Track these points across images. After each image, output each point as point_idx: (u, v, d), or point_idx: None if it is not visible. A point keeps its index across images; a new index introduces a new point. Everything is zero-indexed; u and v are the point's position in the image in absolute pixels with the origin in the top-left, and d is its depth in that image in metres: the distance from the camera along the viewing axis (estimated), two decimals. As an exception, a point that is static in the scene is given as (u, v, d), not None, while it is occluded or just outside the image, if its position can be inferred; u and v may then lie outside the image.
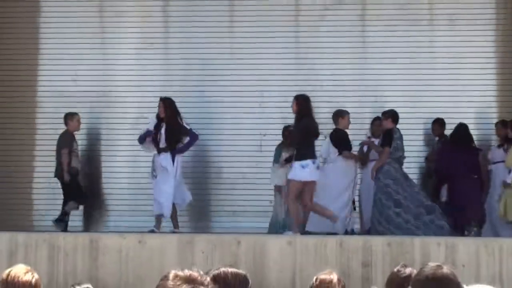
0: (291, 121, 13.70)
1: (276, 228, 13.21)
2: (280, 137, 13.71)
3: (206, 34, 14.96)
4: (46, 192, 14.76)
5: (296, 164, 12.20)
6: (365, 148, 13.71)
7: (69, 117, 13.74)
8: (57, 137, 14.23)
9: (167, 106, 12.95)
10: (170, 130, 12.79)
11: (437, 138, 14.19)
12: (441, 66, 14.83)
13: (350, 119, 13.57)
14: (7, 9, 15.19)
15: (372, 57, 14.92)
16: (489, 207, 13.35)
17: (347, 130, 13.25)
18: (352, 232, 12.90)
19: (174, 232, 12.23)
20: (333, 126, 13.48)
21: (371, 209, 12.78)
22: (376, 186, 12.80)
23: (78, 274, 9.98)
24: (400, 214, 12.62)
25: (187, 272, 3.82)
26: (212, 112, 14.79)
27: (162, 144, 12.74)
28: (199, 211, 14.56)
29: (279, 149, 13.60)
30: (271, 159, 13.79)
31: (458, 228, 13.06)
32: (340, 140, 13.25)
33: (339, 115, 13.35)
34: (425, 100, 14.70)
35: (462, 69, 14.77)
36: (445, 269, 4.78)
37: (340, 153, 13.08)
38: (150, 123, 13.01)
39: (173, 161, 12.66)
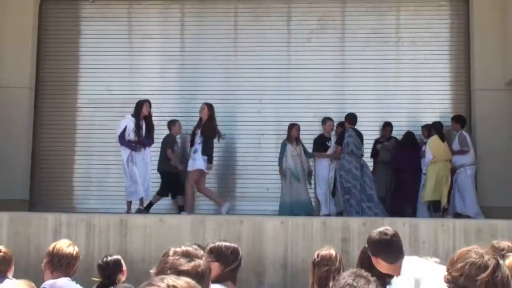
0: (284, 123, 13.69)
1: (287, 210, 13.08)
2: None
3: (214, 53, 14.94)
4: (84, 181, 14.72)
5: (202, 157, 12.36)
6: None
7: (172, 123, 13.57)
8: (94, 135, 14.23)
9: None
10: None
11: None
12: (405, 80, 14.75)
13: (331, 125, 13.59)
14: (52, 31, 15.14)
15: (350, 72, 14.86)
16: None
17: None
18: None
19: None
20: (319, 130, 13.54)
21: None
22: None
23: (110, 247, 9.88)
24: (348, 200, 12.58)
25: (184, 248, 3.72)
26: (220, 115, 14.67)
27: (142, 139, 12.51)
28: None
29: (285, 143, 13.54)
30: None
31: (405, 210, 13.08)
32: (315, 143, 13.45)
33: (322, 122, 13.55)
34: (392, 107, 14.62)
35: (422, 82, 14.69)
36: (390, 230, 4.77)
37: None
38: (128, 121, 12.59)
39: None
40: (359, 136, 13.06)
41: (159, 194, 13.24)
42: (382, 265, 4.83)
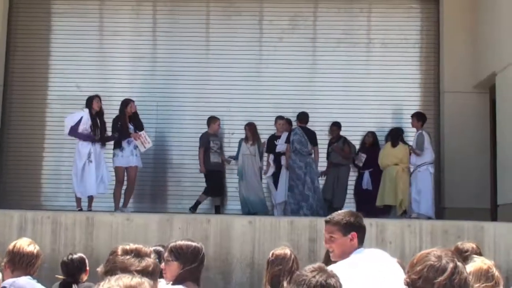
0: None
1: (246, 207, 13.08)
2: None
3: (186, 51, 14.88)
4: (51, 178, 14.56)
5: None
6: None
7: (212, 120, 13.39)
8: (62, 132, 14.04)
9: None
10: None
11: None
12: (375, 81, 14.81)
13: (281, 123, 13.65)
14: (22, 27, 14.97)
15: (320, 72, 14.91)
16: None
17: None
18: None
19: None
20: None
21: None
22: None
23: (76, 245, 9.77)
24: (290, 196, 12.56)
25: (132, 246, 3.65)
26: (190, 114, 14.65)
27: (97, 136, 12.09)
28: (178, 194, 14.47)
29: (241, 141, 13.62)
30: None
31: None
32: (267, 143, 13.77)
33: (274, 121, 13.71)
34: (361, 108, 14.66)
35: (392, 84, 14.75)
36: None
37: None
38: (84, 114, 12.15)
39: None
40: (309, 134, 12.97)
41: (205, 193, 13.22)
42: (353, 245, 4.82)
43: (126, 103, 12.58)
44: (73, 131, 12.07)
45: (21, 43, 14.96)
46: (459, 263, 3.14)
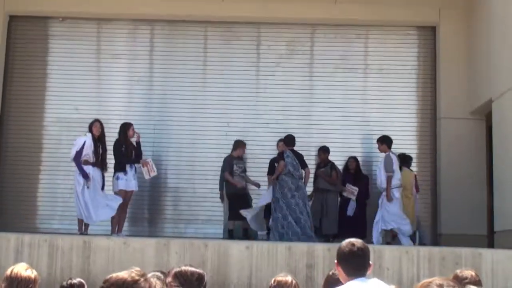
0: (252, 146, 13.70)
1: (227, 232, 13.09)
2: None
3: (183, 75, 14.95)
4: (48, 201, 14.53)
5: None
6: None
7: (240, 144, 13.39)
8: (60, 154, 14.10)
9: None
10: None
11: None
12: (372, 107, 14.87)
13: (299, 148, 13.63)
14: (20, 49, 15.03)
15: (317, 97, 14.95)
16: None
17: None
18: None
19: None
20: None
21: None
22: None
23: (73, 269, 9.75)
24: (278, 219, 12.49)
25: (125, 276, 3.65)
26: (187, 138, 14.68)
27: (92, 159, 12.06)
28: (175, 218, 14.45)
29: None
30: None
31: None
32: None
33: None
34: (358, 134, 14.72)
35: (389, 110, 14.81)
36: (359, 243, 4.79)
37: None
38: (87, 139, 12.14)
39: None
40: (298, 157, 12.94)
41: (230, 219, 13.10)
42: (342, 276, 4.83)
43: (127, 126, 12.57)
44: (77, 157, 12.04)
45: (19, 65, 15.00)
46: None
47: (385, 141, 13.00)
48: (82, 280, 6.51)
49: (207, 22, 15.06)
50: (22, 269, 5.21)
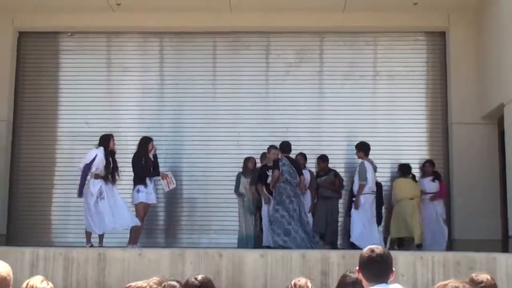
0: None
1: (243, 242, 13.08)
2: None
3: (193, 86, 15.01)
4: (63, 215, 14.61)
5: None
6: None
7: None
8: (73, 168, 14.18)
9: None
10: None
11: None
12: (382, 113, 14.88)
13: (307, 156, 13.71)
14: (31, 64, 15.15)
15: (327, 105, 14.97)
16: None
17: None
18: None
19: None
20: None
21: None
22: None
23: (88, 281, 9.79)
24: (273, 229, 12.40)
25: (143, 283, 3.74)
26: (198, 148, 14.74)
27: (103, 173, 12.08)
28: (190, 229, 14.51)
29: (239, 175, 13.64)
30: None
31: None
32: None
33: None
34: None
35: (399, 116, 14.82)
36: (380, 249, 4.84)
37: None
38: (99, 152, 12.13)
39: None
40: (294, 164, 12.82)
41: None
42: (364, 282, 4.88)
43: (148, 140, 12.61)
44: (85, 169, 12.05)
45: (30, 80, 15.13)
46: None
47: (362, 148, 13.14)
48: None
49: (216, 32, 15.14)
50: (38, 282, 5.25)
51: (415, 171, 14.26)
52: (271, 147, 13.20)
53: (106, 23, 14.88)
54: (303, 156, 13.81)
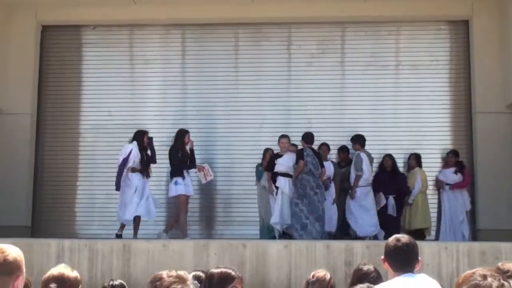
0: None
1: (265, 232, 13.06)
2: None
3: (215, 77, 15.02)
4: (87, 207, 14.72)
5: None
6: None
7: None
8: (96, 160, 14.31)
9: None
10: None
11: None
12: (405, 103, 14.80)
13: (330, 146, 13.69)
14: (54, 57, 15.24)
15: (349, 95, 14.91)
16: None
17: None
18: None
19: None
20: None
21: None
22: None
23: (113, 272, 9.87)
24: (292, 223, 12.29)
25: (174, 273, 3.75)
26: (221, 140, 14.75)
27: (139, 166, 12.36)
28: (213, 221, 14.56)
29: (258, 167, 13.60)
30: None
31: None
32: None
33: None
34: (391, 131, 14.66)
35: (422, 106, 14.74)
36: (406, 238, 4.86)
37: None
38: (133, 147, 12.39)
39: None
40: (317, 155, 12.75)
41: None
42: (390, 271, 4.90)
43: (184, 133, 12.70)
44: (123, 164, 12.25)
45: (53, 73, 15.22)
46: (505, 283, 3.20)
47: (357, 141, 13.30)
48: (123, 282, 6.57)
49: (238, 24, 15.14)
50: (68, 270, 5.26)
51: (438, 161, 14.21)
52: (283, 136, 13.15)
53: (128, 16, 14.93)
54: (326, 146, 13.78)
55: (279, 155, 13.06)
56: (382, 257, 4.88)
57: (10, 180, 14.15)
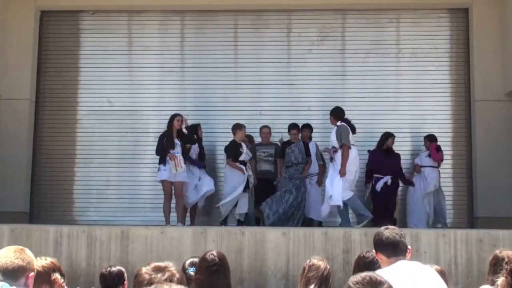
0: (285, 134, 13.73)
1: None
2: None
3: (214, 64, 15.02)
4: (84, 193, 14.74)
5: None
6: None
7: (237, 127, 13.19)
8: (94, 147, 14.30)
9: None
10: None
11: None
12: (405, 91, 14.83)
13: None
14: (52, 43, 15.23)
15: (350, 83, 14.94)
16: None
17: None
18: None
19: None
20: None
21: None
22: None
23: (111, 258, 9.91)
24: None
25: (152, 265, 3.85)
26: (219, 127, 14.75)
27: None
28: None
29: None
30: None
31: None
32: (228, 149, 13.17)
33: (237, 127, 13.13)
34: (392, 118, 14.68)
35: (422, 94, 14.76)
36: (391, 227, 4.99)
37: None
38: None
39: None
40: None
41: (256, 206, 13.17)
42: (382, 260, 4.96)
43: (172, 117, 12.74)
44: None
45: (51, 59, 15.21)
46: None
47: (337, 113, 12.58)
48: (121, 268, 6.60)
49: (237, 11, 15.13)
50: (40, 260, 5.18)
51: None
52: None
53: (127, 2, 14.94)
54: (308, 128, 13.84)
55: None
56: (373, 250, 4.97)
57: (9, 165, 14.18)
